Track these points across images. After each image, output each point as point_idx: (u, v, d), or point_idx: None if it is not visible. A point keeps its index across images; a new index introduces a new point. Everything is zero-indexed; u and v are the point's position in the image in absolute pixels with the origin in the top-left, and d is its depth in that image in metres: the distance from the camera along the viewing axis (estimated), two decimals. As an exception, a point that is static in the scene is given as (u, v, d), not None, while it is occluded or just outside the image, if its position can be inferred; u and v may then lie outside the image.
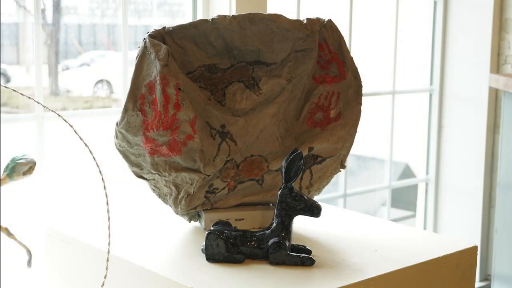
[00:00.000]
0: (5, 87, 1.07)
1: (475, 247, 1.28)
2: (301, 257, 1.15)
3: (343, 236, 1.32)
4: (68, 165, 2.72)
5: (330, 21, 1.32)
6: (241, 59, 1.30)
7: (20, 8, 3.13)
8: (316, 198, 1.43)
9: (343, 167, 1.37)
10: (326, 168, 1.35)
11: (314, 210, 1.16)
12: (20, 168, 1.11)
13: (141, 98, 1.23)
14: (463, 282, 1.26)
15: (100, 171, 1.08)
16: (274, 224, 1.17)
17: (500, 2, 3.15)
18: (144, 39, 1.23)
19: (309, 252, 1.20)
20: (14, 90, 1.09)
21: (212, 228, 1.18)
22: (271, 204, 1.35)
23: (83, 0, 3.63)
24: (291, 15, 1.33)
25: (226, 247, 1.16)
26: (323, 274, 1.12)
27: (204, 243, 1.18)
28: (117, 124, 1.25)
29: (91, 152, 1.08)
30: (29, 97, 1.09)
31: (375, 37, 3.68)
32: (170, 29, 1.26)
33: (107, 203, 1.07)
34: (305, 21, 1.29)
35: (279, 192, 1.17)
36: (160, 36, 1.24)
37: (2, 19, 2.45)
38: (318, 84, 1.33)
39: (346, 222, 1.43)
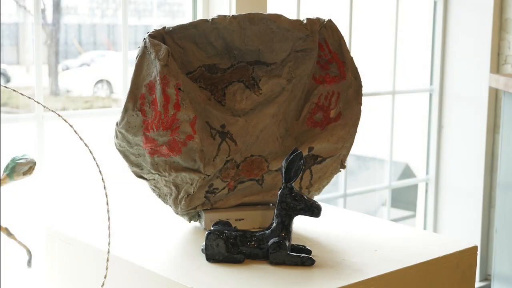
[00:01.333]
0: (5, 87, 1.07)
1: (475, 247, 1.28)
2: (301, 257, 1.15)
3: (343, 236, 1.32)
4: (68, 165, 2.72)
5: (330, 21, 1.32)
6: (241, 59, 1.30)
7: (20, 8, 3.12)
8: (316, 198, 1.43)
9: (343, 167, 1.37)
10: (326, 168, 1.35)
11: (314, 210, 1.16)
12: (20, 168, 1.11)
13: (141, 98, 1.23)
14: (463, 282, 1.26)
15: (100, 171, 1.07)
16: (274, 224, 1.17)
17: (500, 2, 3.15)
18: (144, 39, 1.23)
19: (309, 252, 1.20)
20: (14, 90, 1.09)
21: (212, 228, 1.18)
22: (271, 204, 1.35)
23: (83, 0, 3.63)
24: (291, 15, 1.33)
25: (226, 247, 1.16)
26: (323, 274, 1.12)
27: (204, 243, 1.18)
28: (117, 124, 1.25)
29: (91, 152, 1.08)
30: (29, 97, 1.09)
31: (375, 37, 3.68)
32: (170, 29, 1.25)
33: (107, 203, 1.07)
34: (305, 21, 1.29)
35: (279, 192, 1.17)
36: (160, 36, 1.24)
37: (2, 19, 2.44)
38: (318, 84, 1.33)
39: (346, 222, 1.43)
